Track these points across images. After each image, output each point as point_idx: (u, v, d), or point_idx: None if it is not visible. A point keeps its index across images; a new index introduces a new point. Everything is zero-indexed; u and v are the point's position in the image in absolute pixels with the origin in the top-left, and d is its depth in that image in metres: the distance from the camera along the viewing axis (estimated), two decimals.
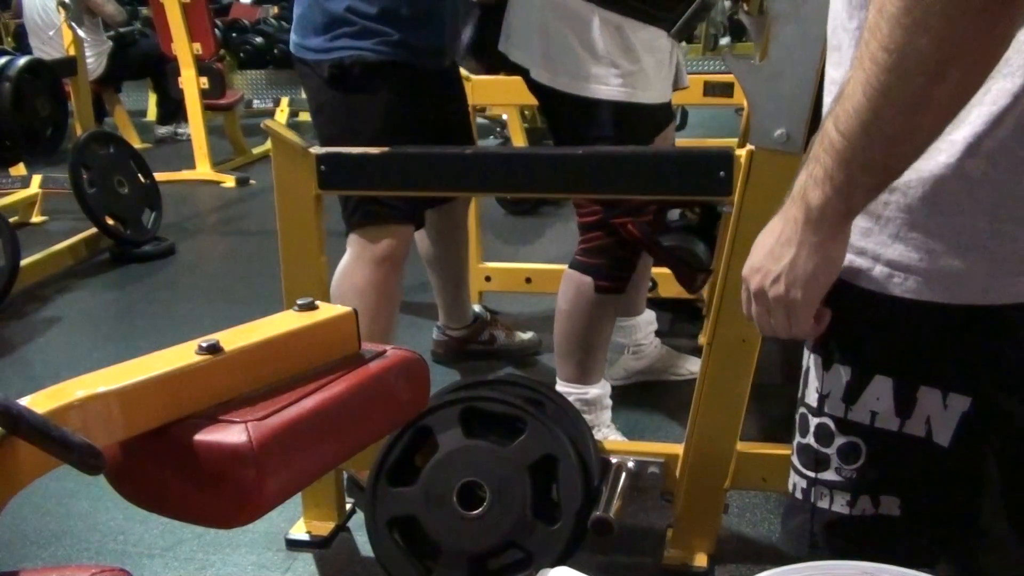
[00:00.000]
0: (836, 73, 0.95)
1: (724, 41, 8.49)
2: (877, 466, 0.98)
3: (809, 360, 1.03)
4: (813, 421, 1.02)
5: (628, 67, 2.09)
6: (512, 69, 2.26)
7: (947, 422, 0.94)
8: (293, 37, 2.31)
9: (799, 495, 1.05)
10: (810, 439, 1.03)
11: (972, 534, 1.01)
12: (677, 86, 2.32)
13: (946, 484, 0.98)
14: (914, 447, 0.95)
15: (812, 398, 1.02)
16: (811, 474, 1.03)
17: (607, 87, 2.10)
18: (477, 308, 3.10)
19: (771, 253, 0.93)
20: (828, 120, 0.85)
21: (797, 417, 1.06)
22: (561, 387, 2.32)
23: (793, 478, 1.07)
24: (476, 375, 2.85)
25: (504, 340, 3.09)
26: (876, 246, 0.93)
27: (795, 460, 1.06)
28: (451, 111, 2.51)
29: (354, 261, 2.30)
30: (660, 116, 2.25)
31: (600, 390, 2.36)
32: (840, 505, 1.01)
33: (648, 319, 2.82)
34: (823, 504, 1.03)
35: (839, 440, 1.00)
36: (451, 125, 2.49)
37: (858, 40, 0.87)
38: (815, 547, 1.04)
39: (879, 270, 0.93)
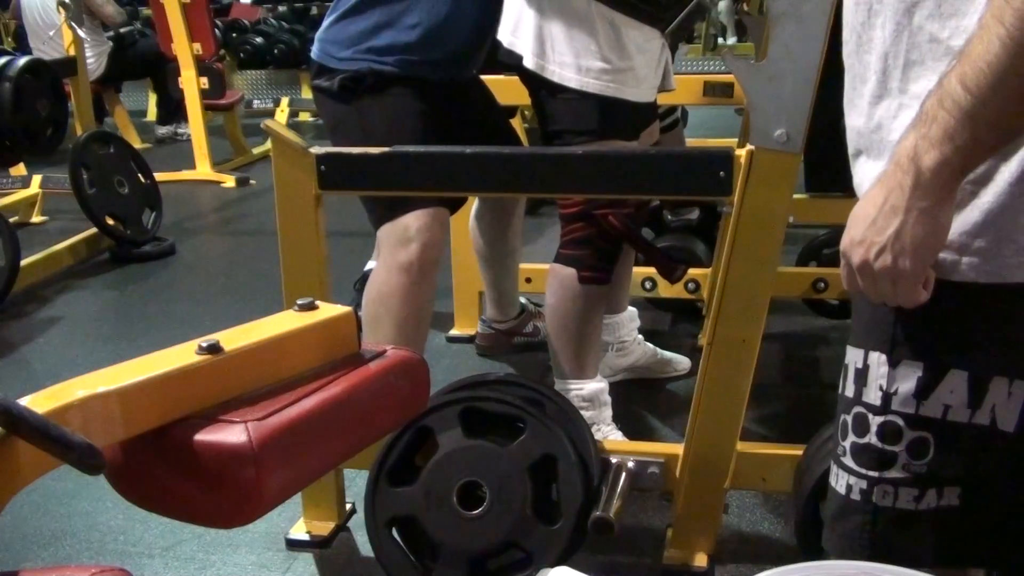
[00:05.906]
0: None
1: (731, 40, 8.50)
2: (945, 459, 0.98)
3: (866, 359, 1.02)
4: (875, 420, 1.01)
5: (618, 64, 2.11)
6: (508, 66, 2.26)
7: (1012, 409, 0.95)
8: (320, 36, 2.30)
9: (856, 496, 1.04)
10: (871, 439, 1.01)
11: None
12: (663, 88, 2.33)
13: (1010, 469, 0.98)
14: (980, 436, 0.96)
15: (873, 397, 1.01)
16: (873, 474, 1.02)
17: (596, 81, 2.11)
18: (523, 300, 3.12)
19: (874, 224, 0.91)
20: (951, 79, 0.83)
21: (848, 418, 1.05)
22: (558, 384, 2.33)
23: (846, 479, 1.05)
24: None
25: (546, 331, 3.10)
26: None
27: (848, 461, 1.05)
28: (474, 123, 2.48)
29: (385, 255, 2.23)
30: (645, 114, 2.27)
31: (598, 384, 2.36)
32: (906, 501, 1.01)
33: (631, 316, 2.83)
34: (886, 503, 1.02)
35: (909, 436, 0.99)
36: (477, 138, 2.44)
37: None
38: (876, 546, 1.03)
39: (950, 256, 0.93)
